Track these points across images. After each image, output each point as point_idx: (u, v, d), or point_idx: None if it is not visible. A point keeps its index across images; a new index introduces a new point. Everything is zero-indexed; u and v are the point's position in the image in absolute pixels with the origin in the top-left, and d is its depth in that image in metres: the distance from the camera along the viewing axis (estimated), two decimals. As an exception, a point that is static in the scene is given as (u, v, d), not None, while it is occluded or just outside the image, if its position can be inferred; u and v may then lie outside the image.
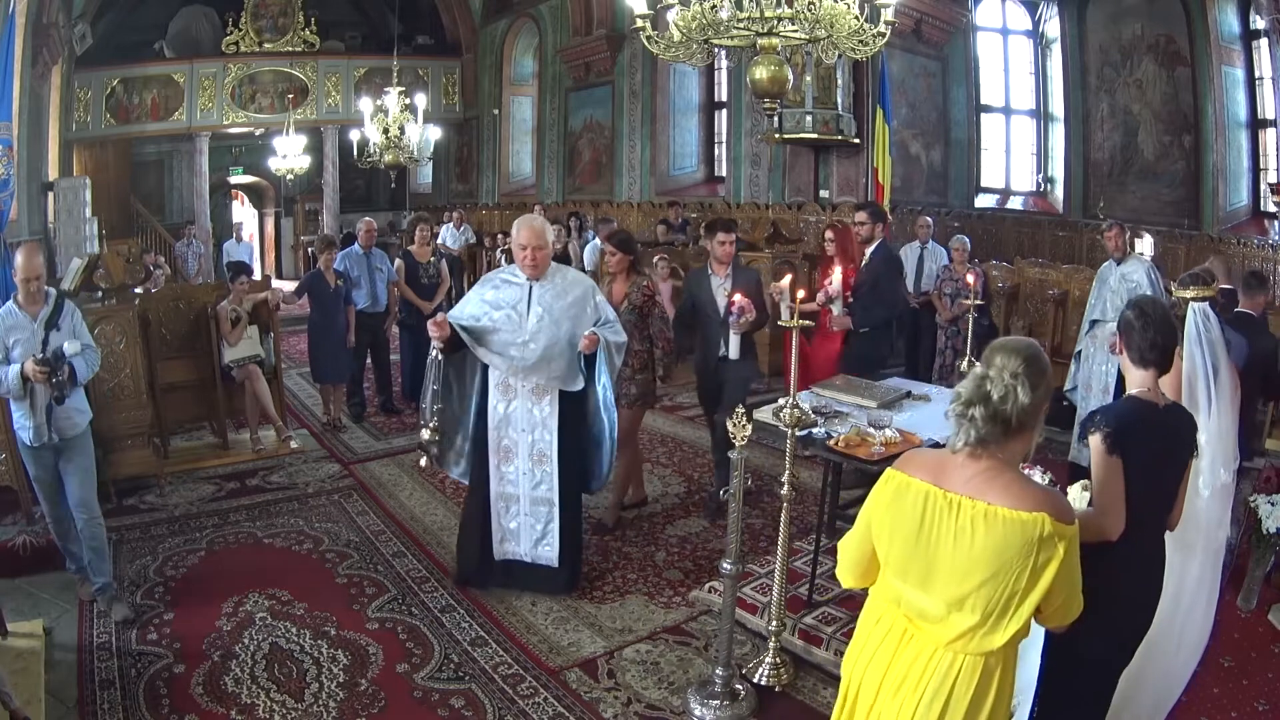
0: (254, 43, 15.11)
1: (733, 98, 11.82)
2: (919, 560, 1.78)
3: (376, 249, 7.23)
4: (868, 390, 4.23)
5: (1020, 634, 1.75)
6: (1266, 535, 3.77)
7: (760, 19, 3.40)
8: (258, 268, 16.79)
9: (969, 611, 1.73)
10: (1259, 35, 8.91)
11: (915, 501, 1.78)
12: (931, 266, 7.75)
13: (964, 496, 1.74)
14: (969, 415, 1.74)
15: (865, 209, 5.60)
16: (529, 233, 3.76)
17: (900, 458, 1.93)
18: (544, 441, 3.85)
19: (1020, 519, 1.68)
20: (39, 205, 10.77)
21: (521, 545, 3.94)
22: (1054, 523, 1.68)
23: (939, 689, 1.76)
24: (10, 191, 7.56)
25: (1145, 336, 2.23)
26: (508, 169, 16.19)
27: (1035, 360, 1.76)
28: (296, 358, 9.06)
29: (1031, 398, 1.72)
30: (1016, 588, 1.70)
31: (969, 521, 1.72)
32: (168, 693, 3.23)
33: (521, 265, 3.80)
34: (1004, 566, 1.69)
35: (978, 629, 1.73)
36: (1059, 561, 1.69)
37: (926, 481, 1.79)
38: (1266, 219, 9.01)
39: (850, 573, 1.98)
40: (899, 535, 1.81)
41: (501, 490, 3.92)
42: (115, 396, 5.23)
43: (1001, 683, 1.77)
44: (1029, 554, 1.68)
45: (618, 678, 3.38)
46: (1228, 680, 3.33)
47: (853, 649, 1.96)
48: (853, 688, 1.93)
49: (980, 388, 1.74)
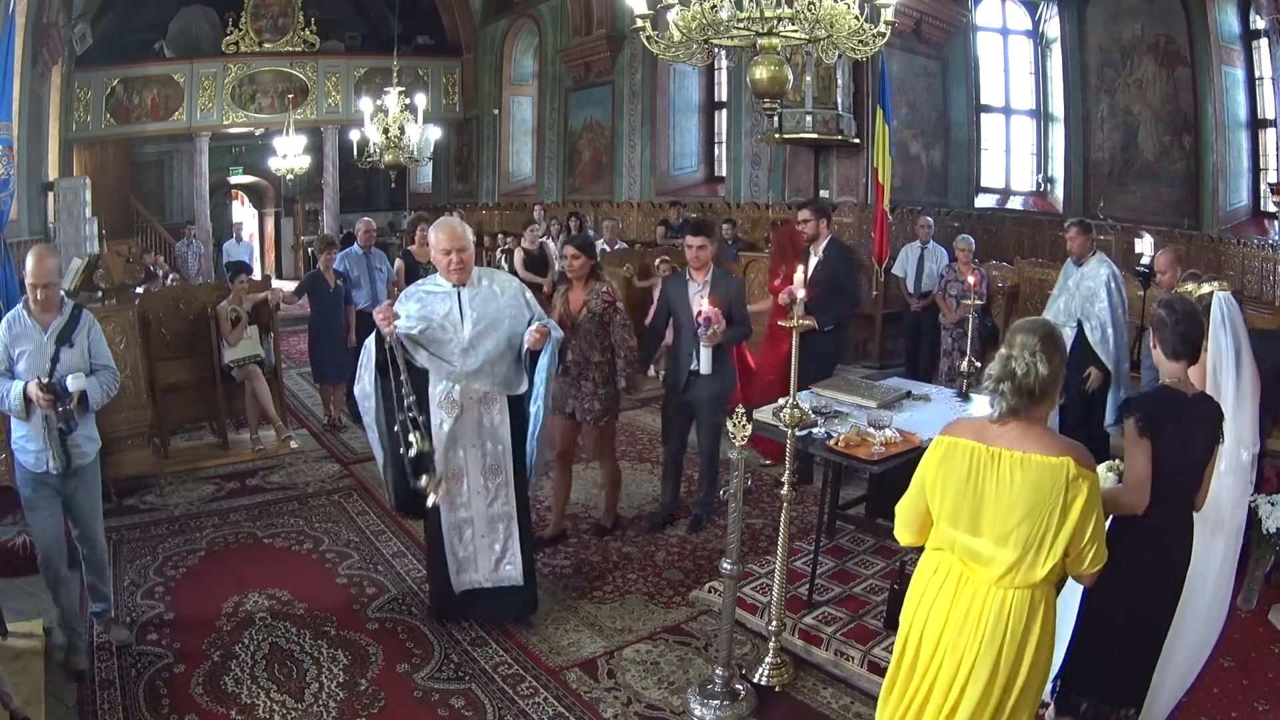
0: (254, 43, 15.11)
1: (733, 98, 11.83)
2: (968, 507, 2.10)
3: (376, 249, 7.24)
4: (868, 390, 4.23)
5: (1056, 570, 2.05)
6: (1266, 535, 3.77)
7: (760, 19, 3.40)
8: (258, 268, 16.80)
9: (1012, 548, 2.04)
10: (1259, 35, 8.90)
11: (962, 457, 2.11)
12: (932, 267, 7.74)
13: (1003, 449, 2.07)
14: (1000, 390, 2.08)
15: (808, 206, 5.41)
16: (449, 235, 3.47)
17: (945, 426, 2.27)
18: (497, 453, 3.57)
19: (1050, 463, 2.01)
20: (39, 205, 10.77)
21: (480, 571, 3.61)
22: (1078, 466, 2.00)
23: (996, 622, 2.07)
24: (10, 191, 7.55)
25: (1176, 332, 2.50)
26: (508, 169, 16.19)
27: (1050, 337, 2.08)
28: (296, 358, 9.07)
29: (1049, 369, 2.04)
30: (1050, 523, 2.01)
31: (1008, 469, 2.05)
32: (168, 693, 3.23)
33: (446, 271, 3.51)
34: (1039, 504, 2.01)
35: (1020, 563, 2.04)
36: (1084, 499, 2.00)
37: (971, 440, 2.12)
38: (1266, 219, 9.00)
39: (907, 529, 2.29)
40: (950, 488, 2.13)
41: (454, 517, 3.56)
42: (115, 396, 5.21)
43: (1045, 615, 2.09)
44: (1059, 493, 2.00)
45: (618, 678, 3.38)
46: (1228, 680, 3.33)
47: (911, 601, 2.25)
48: (914, 635, 2.21)
49: (1006, 366, 2.07)
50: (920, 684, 2.21)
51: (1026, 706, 2.13)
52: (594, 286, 4.38)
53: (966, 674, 2.11)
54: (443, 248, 3.48)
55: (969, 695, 2.10)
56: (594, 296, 4.36)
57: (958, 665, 2.12)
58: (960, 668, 2.12)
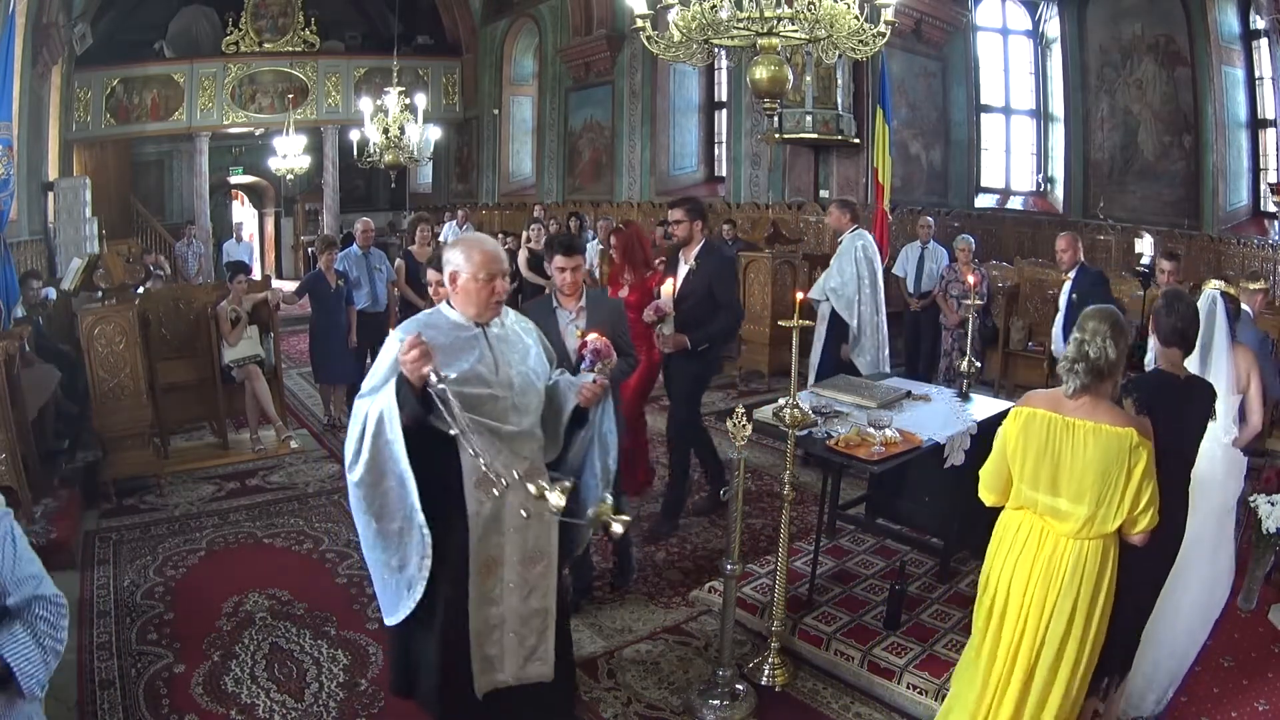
0: (254, 43, 15.11)
1: (733, 98, 11.83)
2: (1046, 470, 2.43)
3: (375, 249, 7.24)
4: (868, 390, 4.23)
5: (1122, 524, 2.37)
6: (1266, 535, 3.77)
7: (760, 19, 3.40)
8: (257, 268, 16.79)
9: (1088, 505, 2.37)
10: (1259, 35, 8.91)
11: (1040, 426, 2.44)
12: (932, 267, 7.74)
13: (1078, 420, 2.39)
14: (1074, 369, 2.39)
15: (681, 205, 4.62)
16: (489, 258, 2.53)
17: (1022, 398, 2.57)
18: (541, 536, 2.69)
19: (1118, 433, 2.35)
20: (39, 205, 10.77)
21: (507, 670, 2.76)
22: (1138, 436, 2.35)
23: (1074, 569, 2.40)
24: (10, 191, 7.58)
25: (1169, 321, 2.78)
26: (508, 169, 16.19)
27: (1118, 324, 2.40)
28: (296, 358, 9.06)
29: (1116, 352, 2.37)
30: (1117, 484, 2.35)
31: (1082, 437, 2.38)
32: (168, 693, 3.23)
33: (484, 304, 2.55)
34: (1108, 467, 2.34)
35: (1094, 518, 2.37)
36: (1143, 464, 2.34)
37: (1048, 410, 2.44)
38: (1266, 219, 9.01)
39: (991, 491, 2.61)
40: (1030, 452, 2.45)
41: (484, 614, 2.70)
42: (115, 396, 5.23)
43: (1114, 562, 2.43)
44: (1124, 458, 2.33)
45: (618, 678, 3.38)
46: (1228, 680, 3.33)
47: (995, 558, 2.55)
48: (1001, 588, 2.51)
49: (1081, 349, 2.38)
50: (1013, 627, 2.48)
51: (1097, 644, 2.46)
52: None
53: (1050, 615, 2.42)
54: (485, 273, 2.53)
55: (1052, 633, 2.42)
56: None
57: (1042, 608, 2.43)
58: (1045, 610, 2.43)
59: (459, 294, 2.56)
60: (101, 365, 5.21)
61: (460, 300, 2.57)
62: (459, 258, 2.54)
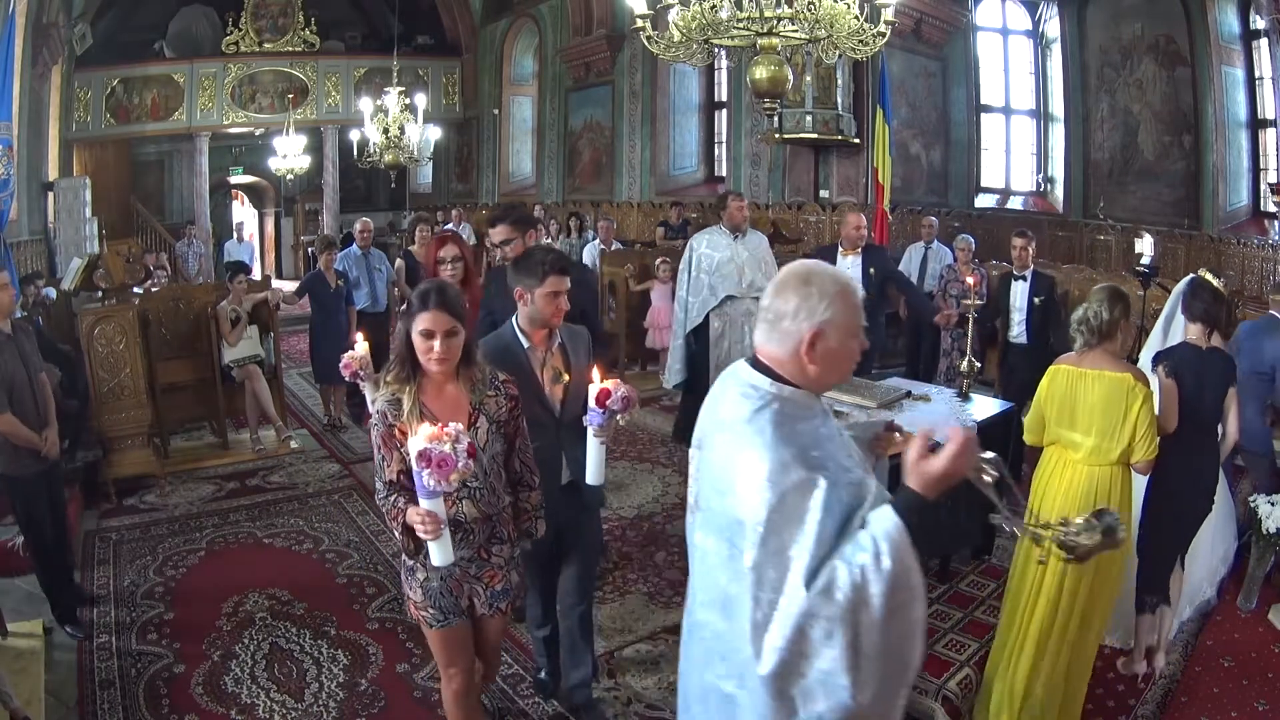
0: (254, 43, 15.10)
1: (733, 98, 11.81)
2: (1067, 410, 3.02)
3: (375, 249, 7.24)
4: (867, 390, 4.23)
5: (1124, 453, 2.91)
6: (1267, 535, 3.77)
7: (760, 19, 3.41)
8: (258, 268, 16.78)
9: (1095, 436, 2.95)
10: (1259, 35, 8.90)
11: (1064, 377, 3.05)
12: (935, 267, 7.74)
13: (1087, 369, 2.99)
14: (1080, 330, 3.01)
15: (505, 220, 3.64)
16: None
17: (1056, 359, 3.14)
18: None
19: (1117, 377, 2.92)
20: (39, 205, 10.76)
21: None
22: (1135, 380, 2.91)
23: (1087, 490, 2.96)
24: (10, 191, 7.59)
25: (1196, 304, 3.34)
26: (508, 169, 16.19)
27: (1114, 293, 3.01)
28: (296, 358, 9.07)
29: (1109, 314, 2.96)
30: (1118, 419, 2.90)
31: (1091, 382, 2.97)
32: (168, 693, 3.24)
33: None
34: (1111, 405, 2.92)
35: (1100, 447, 2.94)
36: (1140, 403, 2.88)
37: (1069, 365, 3.05)
38: (1266, 219, 8.99)
39: (1031, 433, 3.19)
40: (1056, 398, 3.06)
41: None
42: (115, 396, 5.23)
43: (1124, 487, 2.99)
44: (1123, 398, 2.89)
45: (618, 678, 3.38)
46: (1228, 680, 3.34)
47: (1039, 484, 3.12)
48: (1044, 507, 2.97)
49: (1083, 314, 3.01)
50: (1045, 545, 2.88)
51: (1116, 559, 2.90)
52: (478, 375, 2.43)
53: None
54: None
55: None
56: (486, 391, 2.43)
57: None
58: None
59: (822, 360, 1.66)
60: (101, 365, 5.22)
61: (824, 369, 1.67)
62: (832, 310, 1.64)
